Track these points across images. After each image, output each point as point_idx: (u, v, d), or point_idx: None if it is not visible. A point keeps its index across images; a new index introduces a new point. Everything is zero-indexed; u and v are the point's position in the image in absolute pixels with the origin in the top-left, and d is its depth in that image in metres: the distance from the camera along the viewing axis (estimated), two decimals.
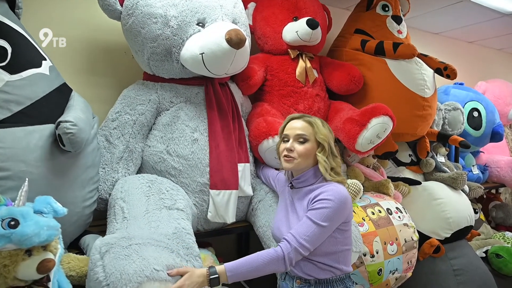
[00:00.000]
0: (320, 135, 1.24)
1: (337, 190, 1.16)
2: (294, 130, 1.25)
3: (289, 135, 1.26)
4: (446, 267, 2.05)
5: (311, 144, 1.24)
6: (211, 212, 1.44)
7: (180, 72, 1.48)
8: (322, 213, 1.12)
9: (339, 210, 1.14)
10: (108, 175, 1.40)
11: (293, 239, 1.12)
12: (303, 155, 1.22)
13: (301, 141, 1.23)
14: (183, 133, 1.46)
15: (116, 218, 1.23)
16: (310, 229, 1.12)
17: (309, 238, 1.11)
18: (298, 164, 1.23)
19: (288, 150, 1.24)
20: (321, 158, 1.22)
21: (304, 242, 1.11)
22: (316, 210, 1.14)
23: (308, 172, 1.26)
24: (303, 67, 1.87)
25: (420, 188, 2.14)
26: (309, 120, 1.26)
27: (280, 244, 1.13)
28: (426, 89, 1.95)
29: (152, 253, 1.00)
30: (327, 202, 1.13)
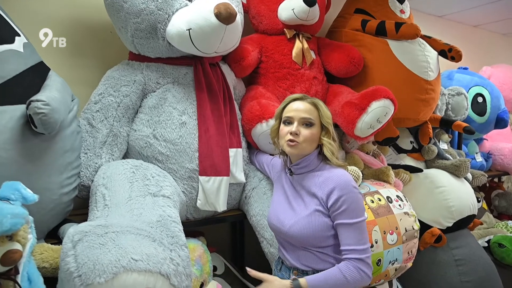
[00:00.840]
0: (325, 118, 1.17)
1: (343, 179, 1.11)
2: (299, 113, 1.17)
3: (293, 118, 1.17)
4: (447, 257, 1.98)
5: (316, 128, 1.17)
6: (201, 200, 1.36)
7: (167, 50, 1.38)
8: (350, 211, 1.09)
9: (357, 196, 1.11)
10: (91, 161, 1.32)
11: (356, 253, 1.08)
12: (308, 139, 1.15)
13: (307, 125, 1.16)
14: (171, 116, 1.37)
15: (97, 205, 1.15)
16: (355, 231, 1.09)
17: (362, 238, 1.09)
18: (302, 149, 1.16)
19: (294, 134, 1.15)
20: (326, 141, 1.16)
21: (363, 246, 1.08)
22: (344, 213, 1.09)
23: (310, 156, 1.18)
24: (299, 48, 1.77)
25: (421, 176, 2.06)
26: (313, 102, 1.19)
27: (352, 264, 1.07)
28: (429, 72, 1.86)
29: (131, 242, 0.92)
30: (345, 198, 1.09)
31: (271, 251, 1.39)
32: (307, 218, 1.12)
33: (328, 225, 1.11)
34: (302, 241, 1.13)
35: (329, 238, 1.12)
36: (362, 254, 1.08)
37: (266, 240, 1.41)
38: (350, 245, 1.08)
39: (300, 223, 1.12)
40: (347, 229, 1.09)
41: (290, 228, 1.14)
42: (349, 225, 1.09)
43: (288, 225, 1.15)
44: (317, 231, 1.11)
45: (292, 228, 1.13)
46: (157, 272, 0.91)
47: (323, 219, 1.11)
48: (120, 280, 0.85)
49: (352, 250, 1.08)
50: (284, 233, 1.16)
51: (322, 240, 1.12)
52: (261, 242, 1.44)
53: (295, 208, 1.17)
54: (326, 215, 1.12)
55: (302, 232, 1.12)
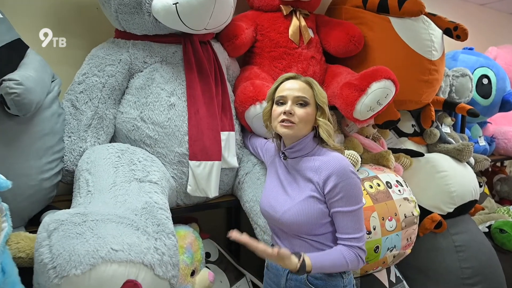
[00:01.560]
0: (321, 97, 1.10)
1: (340, 164, 1.05)
2: (293, 92, 1.10)
3: (286, 97, 1.10)
4: (447, 243, 1.95)
5: (311, 108, 1.10)
6: (191, 186, 1.31)
7: (153, 27, 1.29)
8: (348, 198, 1.04)
9: (355, 181, 1.06)
10: (75, 145, 1.26)
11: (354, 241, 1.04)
12: (303, 119, 1.08)
13: (301, 104, 1.09)
14: (159, 98, 1.30)
15: (80, 192, 1.10)
16: (353, 219, 1.05)
17: (359, 225, 1.05)
18: (298, 130, 1.09)
19: (288, 114, 1.08)
20: (322, 122, 1.09)
21: (360, 234, 1.05)
22: (341, 200, 1.04)
23: (305, 139, 1.12)
24: (296, 25, 1.67)
25: (422, 160, 2.00)
26: (307, 81, 1.12)
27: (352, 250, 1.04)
28: (433, 51, 1.77)
29: (111, 231, 0.86)
30: (343, 184, 1.03)
31: (264, 238, 1.34)
32: (301, 204, 1.06)
33: (324, 212, 1.06)
34: (295, 229, 1.08)
35: (323, 225, 1.07)
36: (360, 241, 1.05)
37: (260, 227, 1.36)
38: (348, 234, 1.04)
39: (293, 209, 1.07)
40: (345, 217, 1.04)
41: (283, 215, 1.08)
42: (347, 213, 1.03)
43: (281, 211, 1.09)
44: (311, 218, 1.05)
45: (285, 214, 1.08)
46: (140, 263, 0.86)
47: (318, 205, 1.05)
48: (98, 271, 0.79)
49: (350, 238, 1.04)
50: (277, 220, 1.11)
51: (317, 228, 1.07)
52: (255, 229, 1.39)
53: (289, 193, 1.11)
54: (321, 201, 1.06)
55: (295, 219, 1.06)
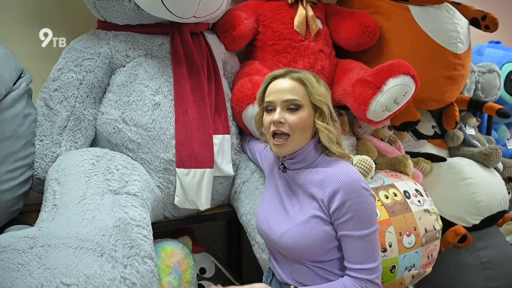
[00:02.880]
0: (316, 95, 0.90)
1: (349, 178, 0.87)
2: (281, 95, 0.91)
3: (274, 102, 0.92)
4: (473, 259, 1.76)
5: (306, 111, 0.91)
6: (179, 197, 1.15)
7: (136, 15, 1.14)
8: (359, 220, 0.85)
9: (368, 199, 0.87)
10: (47, 150, 1.11)
11: (364, 273, 0.86)
12: (297, 127, 0.90)
13: (292, 109, 0.91)
14: (142, 96, 1.14)
15: (46, 205, 0.95)
16: (365, 246, 0.86)
17: (372, 254, 0.87)
18: (294, 144, 0.92)
19: (277, 124, 0.91)
20: (321, 126, 0.90)
21: (373, 264, 0.86)
22: (350, 222, 0.86)
23: (307, 148, 0.94)
24: (303, 15, 1.49)
25: (445, 166, 1.82)
26: (298, 77, 0.92)
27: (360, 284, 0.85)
28: (459, 43, 1.58)
29: (65, 260, 0.71)
30: (352, 203, 0.85)
31: (263, 257, 1.17)
32: (302, 226, 0.88)
33: (329, 235, 0.88)
34: (296, 254, 0.90)
35: (330, 251, 0.89)
36: (372, 273, 0.86)
37: (258, 244, 1.19)
38: (357, 264, 0.85)
39: (293, 231, 0.89)
40: (353, 243, 0.85)
41: (281, 237, 0.91)
42: (356, 238, 0.85)
43: (279, 232, 0.92)
44: (315, 242, 0.87)
45: (284, 237, 0.90)
46: None
47: (323, 227, 0.87)
48: None
49: (359, 269, 0.85)
50: (274, 242, 0.94)
51: (321, 254, 0.89)
52: (253, 246, 1.23)
53: (289, 212, 0.93)
54: (327, 222, 0.88)
55: (295, 242, 0.88)
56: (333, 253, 0.90)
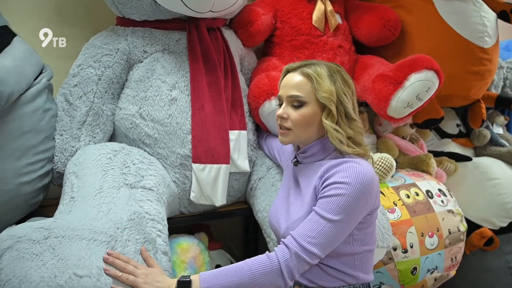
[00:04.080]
0: (322, 93, 0.87)
1: (358, 169, 0.81)
2: (287, 90, 0.91)
3: (281, 97, 0.93)
4: (500, 264, 1.69)
5: (310, 107, 0.89)
6: (195, 192, 1.14)
7: (153, 11, 1.14)
8: (334, 202, 0.80)
9: (360, 198, 0.80)
10: (66, 144, 1.13)
11: (293, 243, 0.80)
12: (299, 124, 0.89)
13: (296, 105, 0.89)
14: (159, 91, 1.15)
15: (63, 198, 0.97)
16: (318, 227, 0.80)
17: (316, 240, 0.79)
18: (296, 137, 0.91)
19: (281, 119, 0.91)
20: (329, 125, 0.87)
21: (309, 246, 0.79)
22: (326, 199, 0.81)
23: (315, 145, 0.92)
24: (322, 10, 1.47)
25: (470, 166, 1.75)
26: (307, 73, 0.89)
27: (276, 250, 0.81)
28: (486, 37, 1.52)
29: (78, 251, 0.71)
30: (342, 186, 0.80)
31: None
32: (301, 221, 0.85)
33: None
34: None
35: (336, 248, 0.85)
36: (300, 249, 0.79)
37: (273, 242, 1.17)
38: (298, 233, 0.80)
39: (293, 226, 0.86)
40: (312, 218, 0.81)
41: (285, 232, 0.89)
42: (318, 215, 0.80)
43: (284, 227, 0.90)
44: None
45: (287, 232, 0.88)
46: None
47: None
48: None
49: (292, 238, 0.80)
50: (281, 237, 0.91)
51: None
52: (268, 243, 1.21)
53: (291, 207, 0.92)
54: None
55: None
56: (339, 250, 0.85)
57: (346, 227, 0.81)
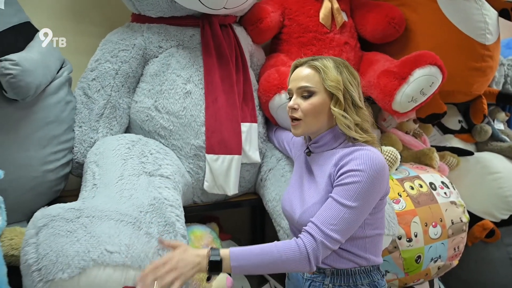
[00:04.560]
0: (329, 82, 0.92)
1: (371, 156, 0.86)
2: (296, 82, 0.97)
3: (292, 90, 0.98)
4: (501, 255, 1.74)
5: (319, 97, 0.93)
6: (208, 182, 1.19)
7: (169, 7, 1.19)
8: (351, 189, 0.84)
9: (375, 184, 0.85)
10: (86, 135, 1.18)
11: (317, 231, 0.83)
12: (309, 113, 0.93)
13: (305, 95, 0.94)
14: (174, 85, 1.19)
15: (86, 185, 1.01)
16: (338, 213, 0.84)
17: (338, 226, 0.83)
18: (307, 127, 0.95)
19: (292, 110, 0.96)
20: (337, 112, 0.92)
21: (332, 233, 0.83)
22: (343, 187, 0.85)
23: (326, 134, 0.96)
24: (328, 8, 1.51)
25: (472, 160, 1.80)
26: (314, 65, 0.95)
27: (302, 237, 0.85)
28: (487, 34, 1.56)
29: (108, 230, 0.76)
30: (357, 174, 0.84)
31: None
32: (318, 205, 0.90)
33: None
34: None
35: None
36: (323, 236, 0.82)
37: (283, 230, 1.22)
38: (318, 220, 0.84)
39: (309, 211, 0.91)
40: (330, 205, 0.85)
41: (300, 217, 0.94)
42: (337, 202, 0.84)
43: (299, 212, 0.95)
44: None
45: (302, 217, 0.92)
46: (138, 267, 0.75)
47: None
48: (89, 276, 0.69)
49: (315, 225, 0.84)
50: (296, 222, 0.96)
51: None
52: (278, 231, 1.25)
53: (306, 193, 0.96)
54: None
55: None
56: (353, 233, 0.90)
57: (363, 212, 0.86)
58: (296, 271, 0.93)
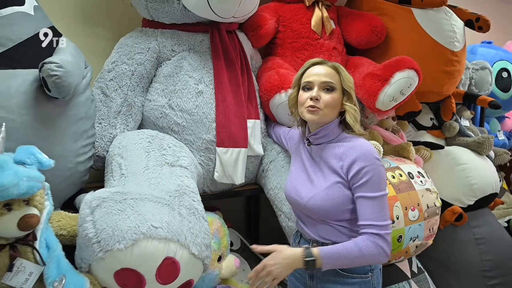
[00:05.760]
0: (347, 82, 1.10)
1: (365, 150, 1.05)
2: (319, 77, 1.10)
3: (313, 82, 1.10)
4: (468, 236, 1.94)
5: (338, 93, 1.10)
6: (218, 172, 1.32)
7: (182, 15, 1.31)
8: (372, 183, 1.02)
9: (380, 166, 1.05)
10: (105, 131, 1.28)
11: (375, 228, 1.00)
12: (330, 105, 1.08)
13: (328, 89, 1.09)
14: (187, 85, 1.32)
15: (113, 175, 1.12)
16: (377, 205, 1.02)
17: (383, 214, 1.02)
18: (324, 116, 1.09)
19: (314, 100, 1.08)
20: (349, 107, 1.09)
21: (383, 222, 1.01)
22: (365, 185, 1.02)
23: (330, 125, 1.12)
24: (319, 16, 1.68)
25: (442, 153, 2.01)
26: (334, 66, 1.12)
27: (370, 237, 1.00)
28: (455, 42, 1.76)
29: (150, 209, 0.88)
30: (369, 168, 1.02)
31: (289, 225, 1.36)
32: (326, 191, 1.06)
33: (349, 198, 1.06)
34: (321, 214, 1.08)
35: (349, 211, 1.07)
36: (381, 230, 1.00)
37: (284, 214, 1.37)
38: (368, 220, 1.02)
39: (318, 196, 1.07)
40: (367, 203, 1.03)
41: (308, 201, 1.09)
42: (369, 198, 1.02)
43: (307, 197, 1.10)
44: (337, 203, 1.06)
45: (311, 201, 1.08)
46: (176, 241, 0.88)
47: (343, 191, 1.06)
48: (140, 247, 0.82)
49: (370, 225, 1.01)
50: (302, 206, 1.12)
51: (343, 213, 1.07)
52: (279, 216, 1.41)
53: (314, 181, 1.11)
54: (347, 187, 1.06)
55: (321, 205, 1.07)
56: (353, 213, 1.07)
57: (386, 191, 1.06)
58: (376, 263, 1.10)
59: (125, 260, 0.80)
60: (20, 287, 0.78)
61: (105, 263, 0.80)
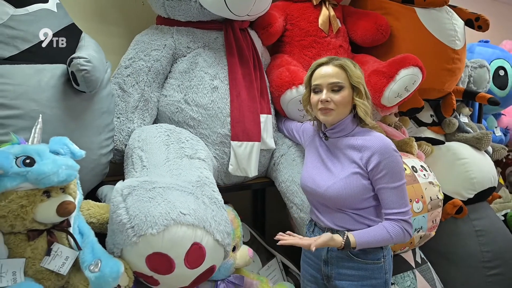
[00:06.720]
0: (355, 78, 1.13)
1: (383, 143, 1.11)
2: (327, 79, 1.14)
3: (321, 85, 1.15)
4: (468, 228, 2.01)
5: (347, 90, 1.14)
6: (232, 165, 1.37)
7: (198, 13, 1.36)
8: (392, 173, 1.09)
9: (397, 155, 1.11)
10: (123, 125, 1.32)
11: (398, 215, 1.10)
12: (341, 104, 1.13)
13: (336, 90, 1.14)
14: (202, 81, 1.36)
15: (134, 167, 1.16)
16: (398, 194, 1.10)
17: (404, 201, 1.11)
18: (337, 115, 1.15)
19: (324, 102, 1.13)
20: (359, 102, 1.13)
21: (405, 209, 1.10)
22: (386, 176, 1.09)
23: (345, 120, 1.17)
24: (326, 15, 1.73)
25: (443, 148, 2.07)
26: (340, 64, 1.15)
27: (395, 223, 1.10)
28: (457, 41, 1.83)
29: (178, 197, 0.93)
30: (387, 160, 1.09)
31: (301, 216, 1.40)
32: (345, 180, 1.12)
33: (367, 188, 1.11)
34: (339, 203, 1.14)
35: (366, 200, 1.13)
36: (405, 215, 1.10)
37: (296, 206, 1.42)
38: (393, 209, 1.09)
39: (337, 184, 1.12)
40: (389, 193, 1.09)
41: (327, 190, 1.14)
42: (391, 189, 1.09)
43: (325, 186, 1.15)
44: (355, 193, 1.11)
45: (329, 189, 1.13)
46: (203, 228, 0.92)
47: (361, 181, 1.11)
48: (171, 232, 0.86)
49: (396, 213, 1.09)
50: (320, 195, 1.17)
51: (360, 202, 1.13)
52: (290, 208, 1.45)
53: (332, 170, 1.16)
54: (365, 177, 1.11)
55: (339, 193, 1.12)
56: (369, 202, 1.13)
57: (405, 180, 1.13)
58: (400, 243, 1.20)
59: (157, 244, 0.84)
60: (58, 270, 0.82)
61: (138, 247, 0.85)
